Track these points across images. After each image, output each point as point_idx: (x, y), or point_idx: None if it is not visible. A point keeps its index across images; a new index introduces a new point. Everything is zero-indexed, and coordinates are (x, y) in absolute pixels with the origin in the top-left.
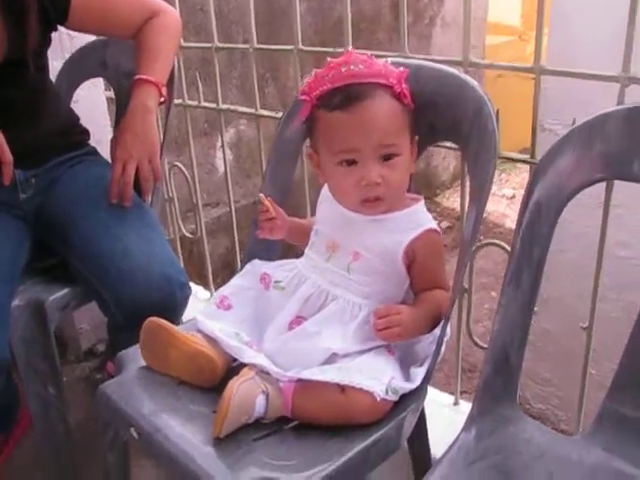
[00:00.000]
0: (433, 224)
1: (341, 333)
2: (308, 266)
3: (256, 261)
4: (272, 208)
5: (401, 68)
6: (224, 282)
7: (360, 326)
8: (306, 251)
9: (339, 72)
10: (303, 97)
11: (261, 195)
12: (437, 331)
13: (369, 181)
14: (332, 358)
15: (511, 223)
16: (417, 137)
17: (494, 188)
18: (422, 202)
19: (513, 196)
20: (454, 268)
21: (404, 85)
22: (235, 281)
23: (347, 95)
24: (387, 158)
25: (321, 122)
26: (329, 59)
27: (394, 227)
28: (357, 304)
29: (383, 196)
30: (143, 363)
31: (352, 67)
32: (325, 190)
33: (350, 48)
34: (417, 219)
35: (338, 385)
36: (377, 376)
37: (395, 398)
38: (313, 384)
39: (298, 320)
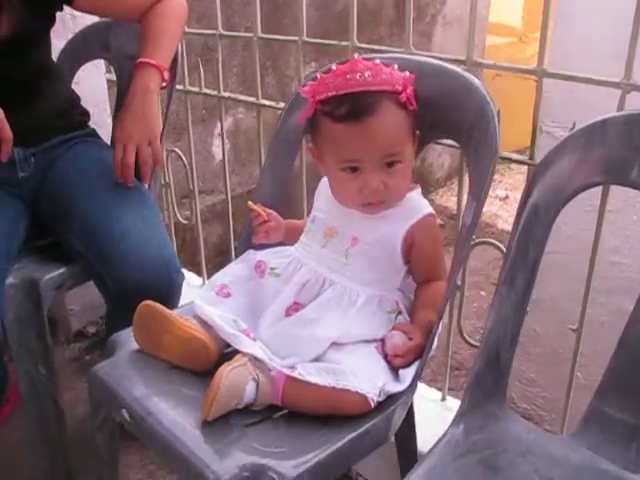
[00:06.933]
0: (430, 209)
1: (340, 320)
2: (304, 252)
3: (251, 250)
4: (263, 212)
5: (407, 73)
6: (216, 269)
7: (358, 313)
8: (302, 238)
9: (344, 79)
10: (306, 96)
11: (250, 203)
12: None
13: (371, 189)
14: (330, 347)
15: (503, 224)
16: (418, 132)
17: None
18: (419, 189)
19: (506, 197)
20: (447, 265)
21: (409, 90)
22: (234, 270)
23: (353, 107)
24: (390, 165)
25: (325, 129)
26: (335, 66)
27: (393, 218)
28: (355, 290)
29: (384, 199)
30: (136, 346)
31: (358, 75)
32: (325, 182)
33: (355, 41)
34: (414, 206)
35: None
36: (371, 379)
37: (384, 398)
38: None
39: (295, 306)
